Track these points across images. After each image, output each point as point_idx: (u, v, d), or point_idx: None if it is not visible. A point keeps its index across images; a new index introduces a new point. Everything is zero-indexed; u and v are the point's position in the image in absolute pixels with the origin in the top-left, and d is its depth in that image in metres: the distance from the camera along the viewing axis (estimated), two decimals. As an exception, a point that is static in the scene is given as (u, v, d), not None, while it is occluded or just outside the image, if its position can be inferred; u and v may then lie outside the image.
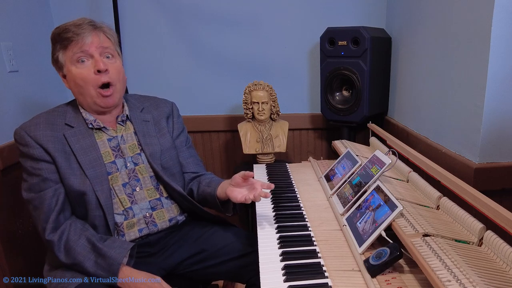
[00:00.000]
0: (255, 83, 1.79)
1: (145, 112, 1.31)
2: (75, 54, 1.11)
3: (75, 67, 1.12)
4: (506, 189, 1.20)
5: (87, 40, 1.10)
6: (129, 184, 1.20)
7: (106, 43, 1.15)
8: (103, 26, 1.18)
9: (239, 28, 1.99)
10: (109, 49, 1.16)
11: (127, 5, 1.94)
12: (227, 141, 2.15)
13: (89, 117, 1.19)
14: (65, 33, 1.11)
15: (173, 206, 1.27)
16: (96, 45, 1.12)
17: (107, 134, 1.21)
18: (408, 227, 0.90)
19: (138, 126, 1.26)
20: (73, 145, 1.14)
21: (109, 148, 1.20)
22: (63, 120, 1.17)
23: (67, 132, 1.15)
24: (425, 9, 1.53)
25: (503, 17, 1.08)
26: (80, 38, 1.10)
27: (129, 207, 1.19)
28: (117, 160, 1.20)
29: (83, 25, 1.12)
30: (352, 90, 1.80)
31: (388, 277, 0.84)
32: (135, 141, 1.25)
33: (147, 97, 1.37)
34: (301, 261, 0.93)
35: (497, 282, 0.70)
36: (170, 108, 1.36)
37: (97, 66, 1.11)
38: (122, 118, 1.24)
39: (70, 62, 1.12)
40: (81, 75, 1.11)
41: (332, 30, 1.77)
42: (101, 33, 1.15)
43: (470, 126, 1.22)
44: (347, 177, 1.28)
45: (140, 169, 1.23)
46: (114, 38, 1.20)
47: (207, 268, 1.24)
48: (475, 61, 1.18)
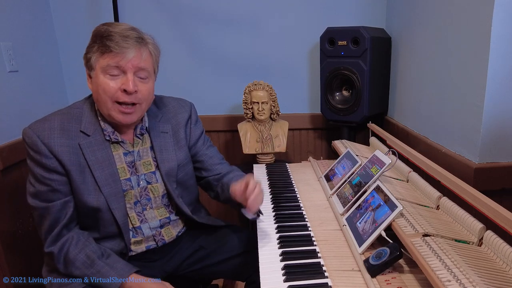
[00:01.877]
0: (255, 83, 1.79)
1: (163, 121, 1.21)
2: (109, 66, 1.02)
3: (103, 76, 1.03)
4: (506, 189, 1.20)
5: (128, 56, 1.01)
6: (140, 202, 1.15)
7: (145, 63, 1.06)
8: (149, 42, 1.08)
9: (239, 28, 1.99)
10: (146, 71, 1.07)
11: (127, 5, 1.94)
12: (227, 141, 2.15)
13: (108, 128, 1.10)
14: (108, 39, 1.01)
15: (179, 221, 1.25)
16: (135, 64, 1.03)
17: (123, 148, 1.13)
18: (408, 227, 0.90)
19: (156, 140, 1.18)
20: (89, 157, 1.06)
21: (124, 163, 1.13)
22: (78, 126, 1.08)
23: (82, 141, 1.07)
24: (425, 9, 1.53)
25: (503, 17, 1.08)
26: (121, 52, 1.01)
27: (138, 227, 1.15)
28: (132, 177, 1.14)
29: (130, 38, 1.02)
30: (352, 90, 1.80)
31: (388, 277, 0.84)
32: (150, 157, 1.17)
33: (164, 100, 1.27)
34: (301, 261, 0.93)
35: (497, 282, 0.70)
36: (188, 114, 1.27)
37: (125, 85, 1.02)
38: (142, 131, 1.16)
39: (100, 69, 1.03)
40: (106, 86, 1.02)
41: (332, 30, 1.77)
42: (146, 50, 1.06)
43: (470, 126, 1.22)
44: (347, 177, 1.28)
45: (152, 188, 1.17)
46: (157, 55, 1.12)
47: (207, 267, 1.24)
48: (475, 61, 1.18)
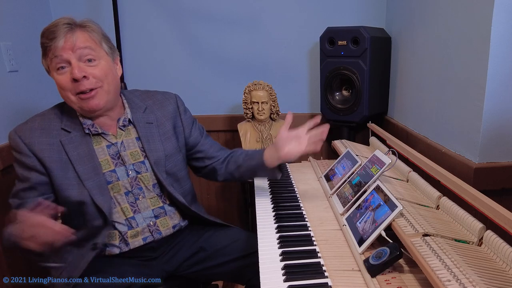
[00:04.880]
0: (255, 83, 1.79)
1: (148, 112, 1.22)
2: (52, 61, 1.04)
3: (56, 74, 1.05)
4: (506, 189, 1.20)
5: (59, 44, 1.01)
6: (131, 193, 1.16)
7: (84, 42, 1.04)
8: (84, 24, 1.07)
9: (239, 28, 1.99)
10: (88, 49, 1.05)
11: (127, 5, 1.94)
12: (227, 141, 2.15)
13: (86, 122, 1.12)
14: (41, 37, 1.04)
15: (176, 213, 1.25)
16: (70, 48, 1.02)
17: (106, 140, 1.14)
18: (408, 227, 0.90)
19: (142, 131, 1.18)
20: (71, 153, 1.09)
21: (108, 156, 1.13)
22: (59, 124, 1.11)
23: (63, 138, 1.09)
24: (425, 9, 1.53)
25: (503, 17, 1.08)
26: (52, 43, 1.02)
27: (132, 217, 1.16)
28: (118, 169, 1.14)
29: (58, 26, 1.02)
30: (352, 90, 1.80)
31: (388, 277, 0.84)
32: (138, 147, 1.18)
33: (149, 93, 1.28)
34: (301, 261, 0.92)
35: (497, 282, 0.70)
36: (175, 105, 1.27)
37: (72, 74, 1.02)
38: (124, 122, 1.17)
39: (52, 69, 1.05)
40: (60, 82, 1.05)
41: (332, 30, 1.77)
42: (79, 33, 1.04)
43: (470, 126, 1.22)
44: (347, 177, 1.28)
45: (142, 177, 1.17)
46: (99, 35, 1.09)
47: (207, 269, 1.24)
48: (475, 61, 1.18)
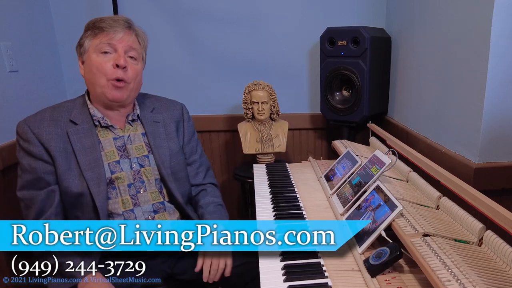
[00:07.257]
0: (255, 83, 1.79)
1: (156, 112, 1.30)
2: (101, 43, 1.12)
3: (96, 55, 1.12)
4: (506, 189, 1.20)
5: (118, 36, 1.12)
6: (133, 185, 1.20)
7: (135, 44, 1.17)
8: (138, 30, 1.20)
9: (239, 28, 1.99)
10: (135, 51, 1.17)
11: (127, 5, 1.94)
12: (227, 141, 2.15)
13: (97, 114, 1.18)
14: (100, 22, 1.13)
15: (175, 210, 1.26)
16: (125, 43, 1.14)
17: (113, 133, 1.20)
18: (408, 227, 0.90)
19: (149, 127, 1.25)
20: (75, 143, 1.13)
21: (114, 147, 1.19)
22: (68, 117, 1.16)
23: (70, 129, 1.14)
24: (425, 9, 1.53)
25: (503, 17, 1.08)
26: (112, 31, 1.12)
27: (131, 210, 1.18)
28: (122, 160, 1.19)
29: (120, 21, 1.14)
30: (352, 90, 1.80)
31: (388, 277, 0.84)
32: (143, 142, 1.24)
33: (157, 97, 1.37)
34: (301, 261, 0.92)
35: (497, 282, 0.70)
36: (180, 112, 1.35)
37: (117, 60, 1.12)
38: (133, 117, 1.24)
39: (93, 49, 1.13)
40: (99, 63, 1.12)
41: (332, 30, 1.77)
42: (134, 35, 1.17)
43: (470, 126, 1.22)
44: (347, 177, 1.28)
45: (145, 171, 1.22)
46: (145, 44, 1.23)
47: None
48: (475, 61, 1.18)
